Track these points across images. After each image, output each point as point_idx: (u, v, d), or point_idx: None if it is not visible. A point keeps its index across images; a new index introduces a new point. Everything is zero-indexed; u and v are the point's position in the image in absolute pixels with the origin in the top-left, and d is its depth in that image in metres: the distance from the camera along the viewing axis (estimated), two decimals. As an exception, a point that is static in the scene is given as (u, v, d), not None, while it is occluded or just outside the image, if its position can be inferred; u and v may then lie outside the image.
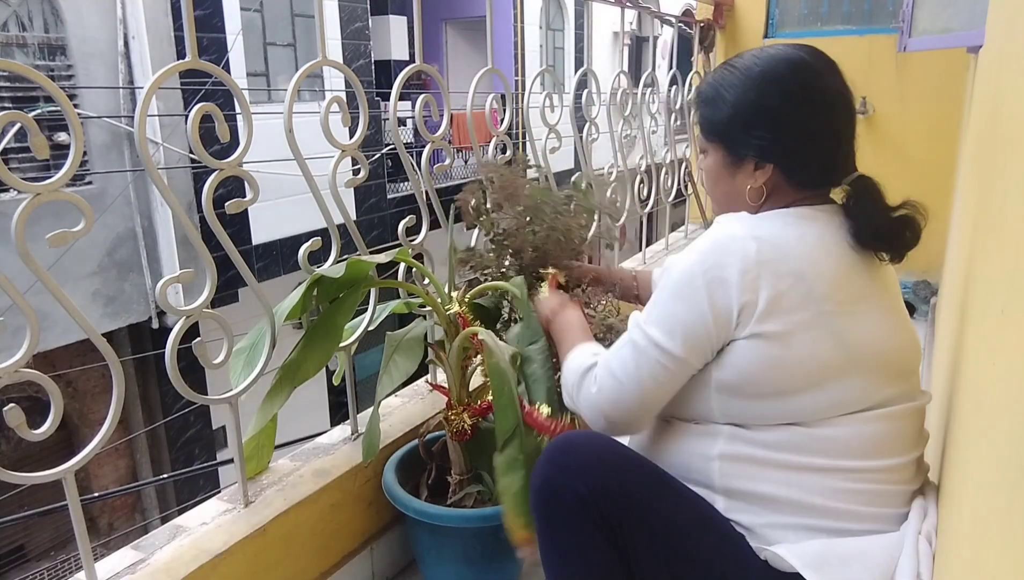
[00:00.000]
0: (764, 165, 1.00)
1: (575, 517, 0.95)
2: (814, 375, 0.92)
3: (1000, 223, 0.80)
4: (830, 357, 0.92)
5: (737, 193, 1.04)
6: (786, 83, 0.99)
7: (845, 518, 0.93)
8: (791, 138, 0.99)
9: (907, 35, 2.29)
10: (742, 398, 0.96)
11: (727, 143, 1.04)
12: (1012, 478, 0.53)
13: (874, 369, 0.95)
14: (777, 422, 0.95)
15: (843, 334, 0.93)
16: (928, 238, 1.03)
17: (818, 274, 0.93)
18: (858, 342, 0.94)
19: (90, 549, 1.05)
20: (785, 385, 0.93)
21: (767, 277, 0.91)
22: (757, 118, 1.00)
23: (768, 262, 0.91)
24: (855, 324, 0.94)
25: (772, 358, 0.92)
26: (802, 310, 0.91)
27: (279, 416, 1.34)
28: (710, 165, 1.07)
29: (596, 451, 0.99)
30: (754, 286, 0.91)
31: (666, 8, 3.50)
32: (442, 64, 11.55)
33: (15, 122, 0.86)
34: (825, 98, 1.00)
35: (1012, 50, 0.91)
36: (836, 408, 0.94)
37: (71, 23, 5.46)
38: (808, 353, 0.92)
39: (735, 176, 1.04)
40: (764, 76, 1.00)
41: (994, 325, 0.74)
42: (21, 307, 0.91)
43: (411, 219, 1.54)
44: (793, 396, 0.93)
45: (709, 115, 1.05)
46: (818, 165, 1.00)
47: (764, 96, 0.99)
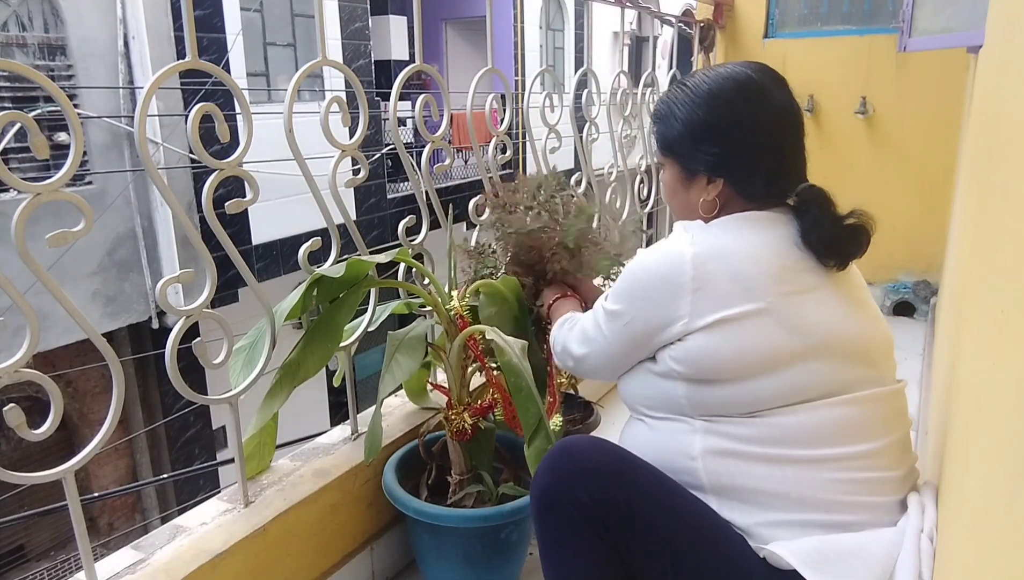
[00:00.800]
0: (715, 179, 1.05)
1: (577, 525, 0.95)
2: (769, 360, 0.95)
3: (1000, 223, 0.80)
4: (782, 342, 0.95)
5: (691, 205, 1.09)
6: (732, 101, 1.04)
7: (836, 509, 0.94)
8: (738, 154, 1.04)
9: (907, 35, 2.28)
10: (706, 386, 0.99)
11: (680, 159, 1.09)
12: (1012, 478, 0.53)
13: (832, 353, 0.97)
14: (745, 411, 0.97)
15: (791, 320, 0.96)
16: (928, 238, 1.04)
17: (758, 270, 0.97)
18: (810, 327, 0.96)
19: (90, 549, 1.05)
20: (742, 371, 0.96)
21: (702, 282, 0.96)
22: (706, 135, 1.05)
23: (703, 267, 0.96)
24: (804, 311, 0.97)
25: (721, 348, 0.96)
26: (742, 303, 0.95)
27: (279, 416, 1.35)
28: (667, 179, 1.13)
29: (597, 458, 0.98)
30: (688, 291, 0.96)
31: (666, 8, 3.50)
32: (442, 64, 11.55)
33: (15, 122, 0.86)
34: (770, 114, 1.04)
35: (1012, 50, 0.91)
36: (798, 393, 0.96)
37: (71, 23, 5.46)
38: (756, 340, 0.95)
39: (689, 190, 1.09)
40: (711, 94, 1.04)
41: (994, 325, 0.74)
42: (21, 307, 0.91)
43: (411, 219, 1.54)
44: (753, 381, 0.96)
45: (663, 132, 1.10)
46: (765, 178, 1.04)
47: (711, 114, 1.04)
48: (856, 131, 3.29)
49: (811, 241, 1.00)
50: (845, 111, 3.29)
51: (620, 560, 0.96)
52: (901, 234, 3.26)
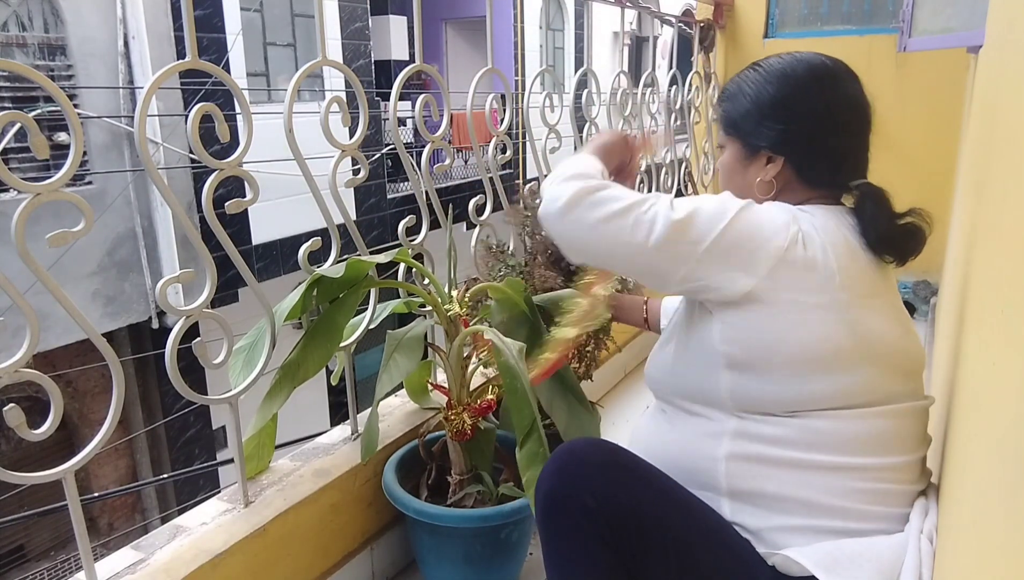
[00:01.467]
0: (776, 158, 1.04)
1: (581, 529, 0.94)
2: (826, 357, 0.93)
3: (1000, 223, 0.80)
4: (843, 342, 0.93)
5: (749, 186, 1.07)
6: (803, 81, 1.04)
7: (853, 518, 0.93)
8: (803, 133, 1.03)
9: (907, 35, 2.29)
10: (755, 376, 0.95)
11: (743, 136, 1.08)
12: (1012, 478, 0.53)
13: (884, 363, 0.96)
14: (789, 409, 0.95)
15: (856, 324, 0.94)
16: (928, 238, 1.04)
17: (838, 264, 0.95)
18: (871, 334, 0.95)
19: (90, 549, 1.05)
20: (796, 362, 0.93)
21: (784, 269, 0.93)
22: (773, 111, 1.04)
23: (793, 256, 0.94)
24: (868, 317, 0.95)
25: (784, 330, 0.93)
26: (819, 292, 0.93)
27: (279, 416, 1.35)
28: (727, 159, 1.11)
29: (603, 460, 0.97)
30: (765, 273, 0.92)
31: (666, 8, 3.50)
32: (442, 64, 11.55)
33: (15, 122, 0.86)
34: (839, 100, 1.04)
35: (1012, 50, 0.91)
36: (846, 398, 0.94)
37: (71, 23, 5.46)
38: (821, 333, 0.93)
39: (748, 169, 1.08)
40: (783, 73, 1.05)
41: (994, 325, 0.74)
42: (21, 307, 0.91)
43: (411, 219, 1.54)
44: (805, 377, 0.93)
45: (729, 109, 1.10)
46: (827, 163, 1.04)
47: (781, 90, 1.04)
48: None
49: (870, 238, 0.99)
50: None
51: (624, 565, 0.95)
52: (901, 234, 3.26)
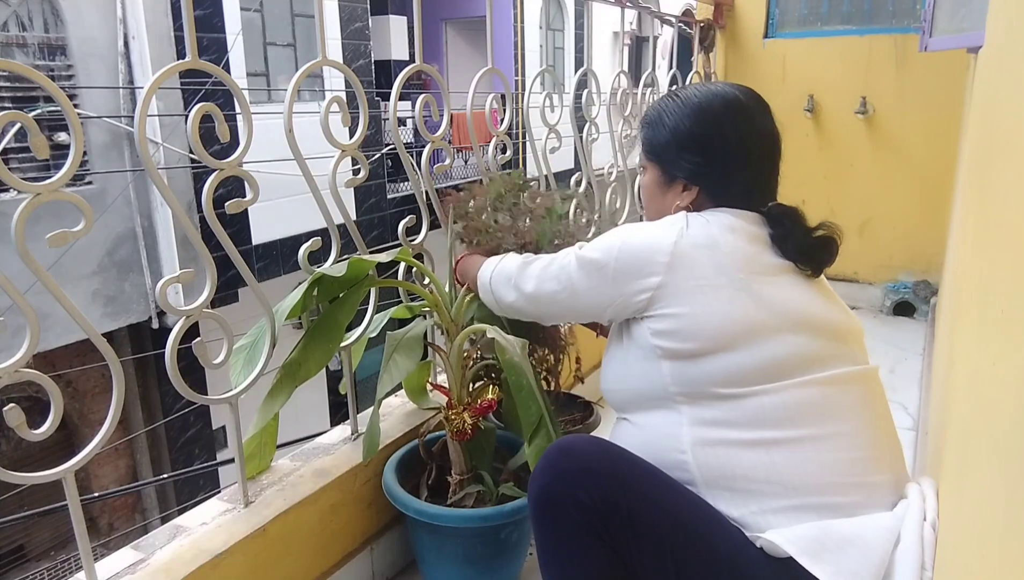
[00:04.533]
0: (691, 187, 1.12)
1: (576, 526, 0.95)
2: (746, 331, 0.99)
3: (1000, 223, 0.80)
4: (753, 314, 1.00)
5: (666, 210, 1.15)
6: (719, 116, 1.11)
7: (830, 491, 0.95)
8: (717, 165, 1.11)
9: (928, 35, 2.29)
10: (689, 361, 1.02)
11: (662, 164, 1.16)
12: (1012, 478, 0.53)
13: (806, 329, 1.01)
14: (728, 384, 0.99)
15: (762, 296, 1.01)
16: (928, 238, 1.05)
17: (731, 250, 1.03)
18: (780, 304, 1.02)
19: (90, 549, 1.05)
20: (721, 340, 0.99)
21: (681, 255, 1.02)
22: (690, 144, 1.12)
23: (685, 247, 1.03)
24: (774, 290, 1.03)
25: (699, 315, 1.00)
26: (718, 274, 1.01)
27: (279, 416, 1.35)
28: (646, 182, 1.20)
29: (596, 457, 0.98)
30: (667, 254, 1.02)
31: (666, 8, 3.50)
32: (442, 64, 11.55)
33: (15, 122, 0.86)
34: (752, 134, 1.11)
35: (1012, 50, 0.91)
36: (777, 368, 0.99)
37: (71, 23, 5.46)
38: (730, 310, 1.00)
39: (666, 194, 1.16)
40: (700, 107, 1.11)
41: (994, 325, 0.74)
42: (21, 307, 0.91)
43: (411, 219, 1.54)
44: (733, 352, 0.99)
45: (650, 137, 1.17)
46: (739, 191, 1.11)
47: (697, 124, 1.11)
48: (856, 131, 3.29)
49: (787, 249, 1.07)
50: (845, 111, 3.29)
51: (620, 560, 0.95)
52: (901, 234, 3.27)
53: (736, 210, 1.09)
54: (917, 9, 3.14)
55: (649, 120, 1.18)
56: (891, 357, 2.76)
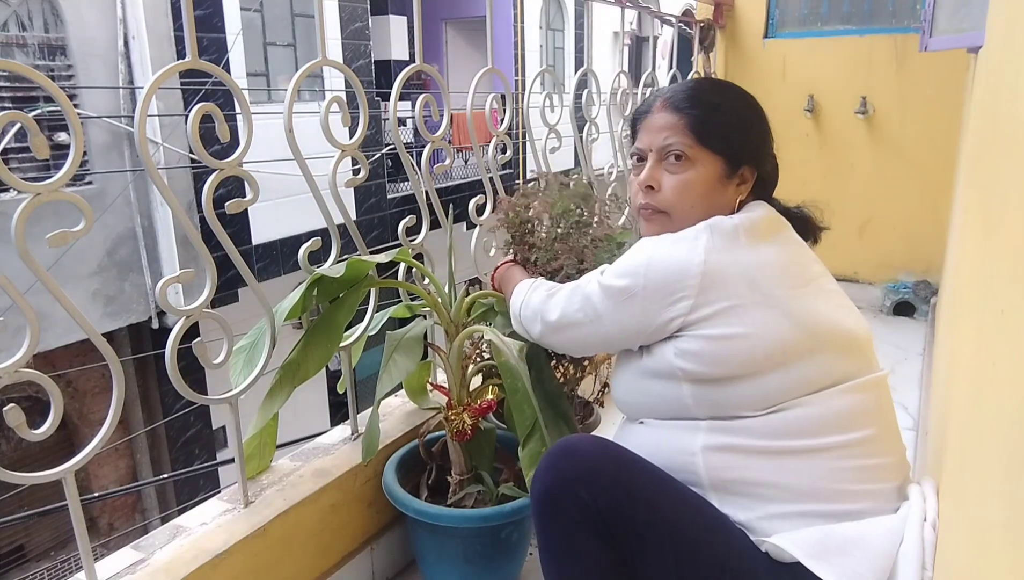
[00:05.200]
0: (750, 173, 1.09)
1: (578, 526, 0.94)
2: (778, 355, 0.96)
3: (1000, 223, 0.80)
4: (790, 337, 0.97)
5: (722, 206, 1.07)
6: (751, 98, 1.12)
7: (837, 498, 0.94)
8: (770, 149, 1.12)
9: (928, 35, 2.29)
10: (714, 385, 0.99)
11: (729, 152, 1.06)
12: (1013, 478, 0.53)
13: (833, 344, 0.99)
14: (756, 408, 0.97)
15: (797, 315, 0.98)
16: (928, 238, 1.05)
17: (762, 264, 0.99)
18: (814, 320, 0.99)
19: (90, 549, 1.05)
20: (752, 365, 0.96)
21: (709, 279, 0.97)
22: (756, 129, 1.09)
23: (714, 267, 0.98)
24: (807, 304, 1.00)
25: (726, 335, 0.96)
26: (752, 291, 0.97)
27: (279, 416, 1.35)
28: (701, 177, 1.06)
29: (598, 457, 0.97)
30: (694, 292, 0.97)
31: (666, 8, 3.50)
32: (442, 64, 11.55)
33: (15, 122, 0.86)
34: None
35: (1011, 50, 0.91)
36: (806, 386, 0.97)
37: (71, 23, 5.46)
38: (767, 333, 0.96)
39: (727, 188, 1.08)
40: (748, 95, 1.11)
41: (994, 325, 0.74)
42: (21, 307, 0.91)
43: (411, 219, 1.54)
44: (763, 377, 0.96)
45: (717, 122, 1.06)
46: (776, 172, 1.13)
47: (756, 108, 1.10)
48: (856, 131, 3.29)
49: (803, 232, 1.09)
50: (845, 111, 3.29)
51: (622, 560, 0.95)
52: (901, 234, 3.26)
53: (762, 203, 1.09)
54: (917, 9, 3.14)
55: (708, 104, 1.07)
56: (891, 357, 2.76)
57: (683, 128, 1.06)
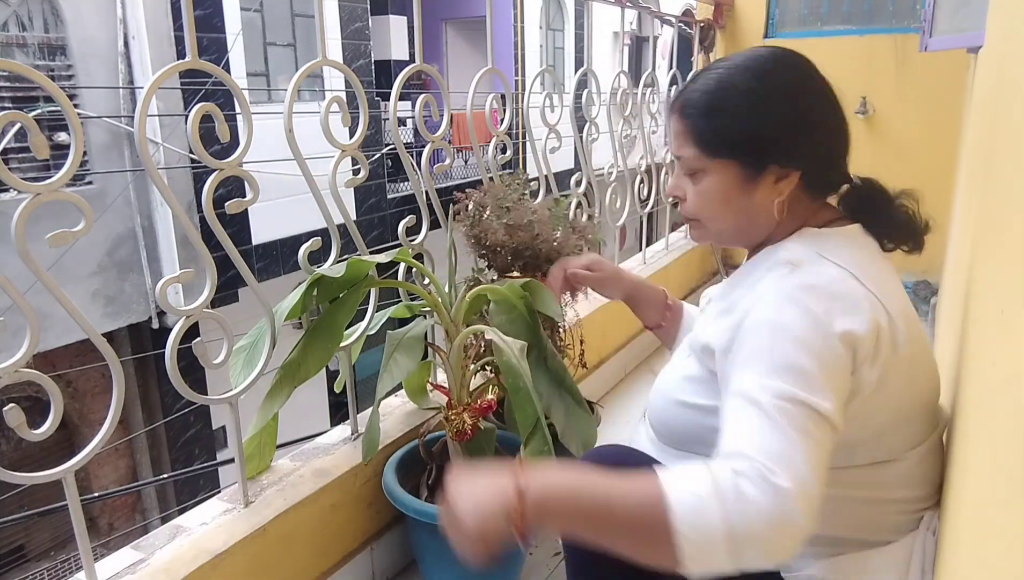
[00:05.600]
0: (788, 173, 0.90)
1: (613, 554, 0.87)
2: (905, 411, 0.88)
3: (1000, 223, 0.80)
4: (912, 397, 0.88)
5: (756, 213, 0.92)
6: (800, 75, 0.91)
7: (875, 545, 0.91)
8: (817, 135, 0.92)
9: (928, 35, 2.29)
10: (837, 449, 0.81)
11: (743, 155, 0.91)
12: (1013, 478, 0.53)
13: (934, 401, 0.93)
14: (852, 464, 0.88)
15: (918, 373, 0.88)
16: (928, 238, 1.03)
17: (897, 311, 0.85)
18: (927, 378, 0.90)
19: (90, 549, 1.05)
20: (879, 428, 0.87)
21: (873, 314, 0.82)
22: (779, 119, 0.90)
23: (871, 298, 0.83)
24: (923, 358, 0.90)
25: (880, 400, 0.84)
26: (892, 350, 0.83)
27: (279, 416, 1.34)
28: (716, 186, 0.93)
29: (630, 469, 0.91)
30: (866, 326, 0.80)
31: (666, 8, 3.50)
32: (442, 64, 11.55)
33: (15, 122, 0.86)
34: (826, 92, 0.93)
35: (1011, 50, 0.91)
36: (908, 444, 0.90)
37: (71, 23, 5.46)
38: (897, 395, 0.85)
39: (753, 193, 0.91)
40: (777, 71, 0.90)
41: (994, 325, 0.74)
42: (21, 307, 0.91)
43: (411, 219, 1.55)
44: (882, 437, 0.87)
45: (717, 126, 0.91)
46: (840, 164, 0.95)
47: (782, 92, 0.90)
48: (856, 131, 3.25)
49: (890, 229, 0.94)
50: (845, 111, 3.29)
51: None
52: (901, 234, 3.26)
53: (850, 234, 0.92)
54: (917, 9, 3.14)
55: (706, 106, 0.91)
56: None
57: (690, 139, 0.94)
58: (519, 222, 1.54)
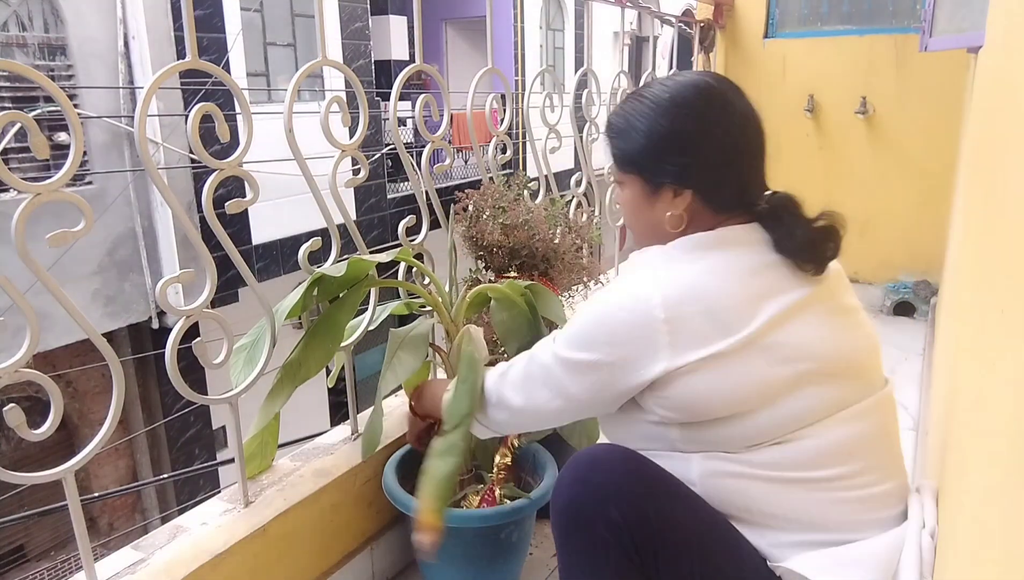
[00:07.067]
0: (682, 191, 1.00)
1: (606, 544, 0.90)
2: (763, 394, 0.92)
3: (1000, 223, 0.80)
4: (773, 374, 0.92)
5: (657, 222, 1.03)
6: (696, 107, 1.00)
7: (847, 528, 0.92)
8: (705, 161, 0.99)
9: (928, 35, 2.29)
10: (702, 427, 0.94)
11: (643, 173, 1.03)
12: (1013, 478, 0.53)
13: (825, 375, 0.94)
14: (745, 445, 0.93)
15: (778, 350, 0.92)
16: (928, 238, 1.04)
17: (734, 302, 0.93)
18: (797, 354, 0.93)
19: (90, 549, 1.05)
20: (737, 407, 0.92)
21: (677, 324, 0.91)
22: (671, 144, 1.00)
23: (675, 309, 0.92)
24: (789, 337, 0.93)
25: (711, 388, 0.91)
26: (723, 339, 0.91)
27: (280, 415, 1.34)
28: (628, 198, 1.08)
29: (628, 470, 0.93)
30: (664, 334, 0.92)
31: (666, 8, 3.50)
32: (442, 64, 11.55)
33: (15, 122, 0.86)
34: (734, 120, 1.00)
35: (1012, 50, 0.91)
36: (797, 421, 0.93)
37: (71, 23, 5.46)
38: (746, 375, 0.91)
39: (654, 206, 1.04)
40: (673, 102, 1.00)
41: (994, 325, 0.74)
42: (21, 307, 0.91)
43: (411, 219, 1.55)
44: (750, 416, 0.92)
45: (624, 147, 1.05)
46: (733, 186, 1.01)
47: (676, 121, 1.00)
48: (856, 131, 3.29)
49: (787, 248, 0.98)
50: (845, 111, 3.29)
51: (647, 578, 0.92)
52: (901, 234, 3.26)
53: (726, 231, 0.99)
54: (917, 9, 3.14)
55: (617, 129, 1.06)
56: (891, 357, 2.76)
57: (611, 155, 1.09)
58: (515, 222, 1.55)
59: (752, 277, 0.96)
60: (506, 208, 1.58)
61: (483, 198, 1.61)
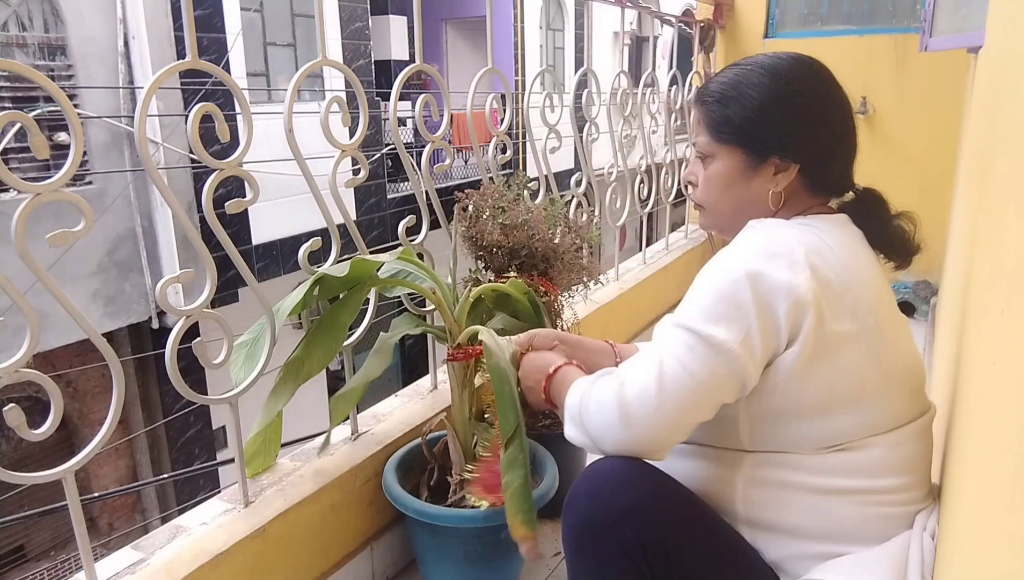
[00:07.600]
0: (787, 166, 0.96)
1: (619, 564, 0.88)
2: (852, 394, 0.89)
3: (1000, 223, 0.80)
4: (868, 374, 0.89)
5: (753, 200, 0.98)
6: (814, 81, 0.97)
7: (874, 540, 0.91)
8: (820, 136, 0.96)
9: (928, 35, 2.29)
10: (776, 422, 0.90)
11: (748, 143, 0.97)
12: (1013, 479, 0.53)
13: (902, 386, 0.93)
14: (808, 449, 0.91)
15: (880, 350, 0.90)
16: (928, 238, 1.04)
17: (862, 284, 0.89)
18: (892, 359, 0.91)
19: (90, 549, 1.05)
20: (827, 402, 0.89)
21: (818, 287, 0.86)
22: (787, 114, 0.96)
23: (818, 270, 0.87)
24: (889, 338, 0.91)
25: (817, 372, 0.87)
26: (849, 322, 0.87)
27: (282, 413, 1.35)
28: (721, 171, 1.00)
29: (643, 486, 0.90)
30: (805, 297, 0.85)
31: (666, 8, 3.50)
32: (442, 64, 11.55)
33: (15, 122, 0.86)
34: (844, 98, 1.00)
35: (1011, 50, 0.91)
36: (871, 428, 0.91)
37: (71, 23, 5.46)
38: (851, 368, 0.88)
39: (752, 180, 0.98)
40: (792, 73, 0.96)
41: (994, 325, 0.74)
42: (21, 307, 0.91)
43: (411, 219, 1.55)
44: (834, 415, 0.89)
45: (728, 113, 0.98)
46: (840, 167, 0.99)
47: (794, 92, 0.95)
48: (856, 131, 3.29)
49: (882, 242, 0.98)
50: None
51: None
52: (901, 234, 3.26)
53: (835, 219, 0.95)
54: (917, 9, 3.14)
55: (721, 96, 0.98)
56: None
57: (703, 126, 1.02)
58: (515, 222, 1.55)
59: (867, 264, 0.93)
60: (506, 208, 1.58)
61: (483, 198, 1.61)
